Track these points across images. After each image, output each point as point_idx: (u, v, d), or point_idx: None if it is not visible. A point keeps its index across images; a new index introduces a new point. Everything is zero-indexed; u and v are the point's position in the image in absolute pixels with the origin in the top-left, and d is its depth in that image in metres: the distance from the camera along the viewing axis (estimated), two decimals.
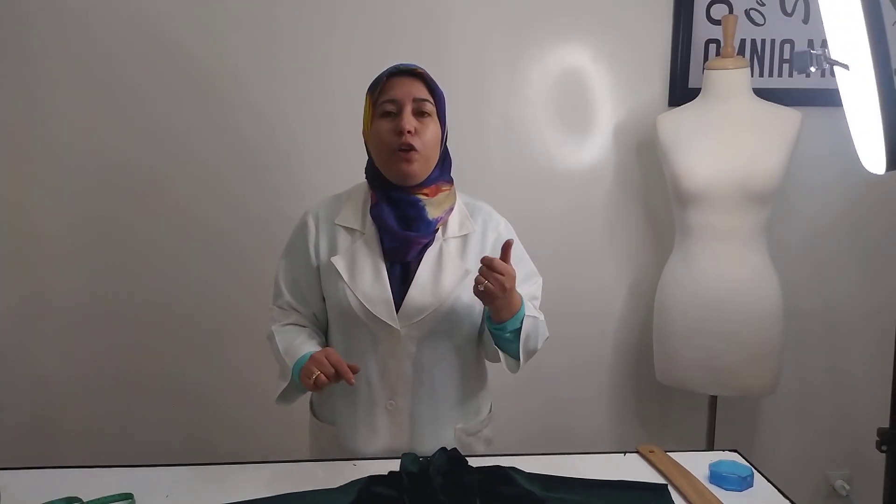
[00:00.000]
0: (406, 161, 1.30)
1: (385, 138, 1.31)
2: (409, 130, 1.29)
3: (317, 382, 1.21)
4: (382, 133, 1.32)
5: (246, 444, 2.08)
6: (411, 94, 1.31)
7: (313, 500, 1.15)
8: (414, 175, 1.32)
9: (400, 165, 1.31)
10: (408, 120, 1.30)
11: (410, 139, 1.29)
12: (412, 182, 1.34)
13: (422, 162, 1.32)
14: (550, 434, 2.21)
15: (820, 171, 2.14)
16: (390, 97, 1.31)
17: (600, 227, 2.20)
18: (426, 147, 1.32)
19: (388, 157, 1.32)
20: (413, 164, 1.31)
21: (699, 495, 1.19)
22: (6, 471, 1.22)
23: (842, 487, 2.31)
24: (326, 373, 1.21)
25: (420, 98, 1.32)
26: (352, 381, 1.22)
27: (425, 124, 1.32)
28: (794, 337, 2.21)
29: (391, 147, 1.31)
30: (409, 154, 1.30)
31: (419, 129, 1.31)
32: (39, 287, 2.09)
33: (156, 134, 2.05)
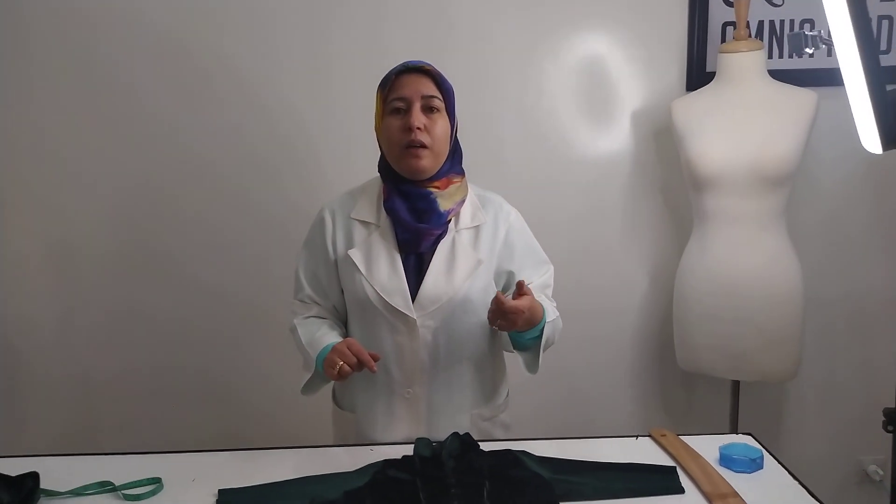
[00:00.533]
0: (416, 157, 1.34)
1: (395, 135, 1.36)
2: (418, 127, 1.33)
3: (340, 372, 1.26)
4: (393, 130, 1.36)
5: (271, 434, 2.14)
6: (420, 91, 1.35)
7: (330, 482, 1.19)
8: (424, 170, 1.36)
9: (410, 161, 1.35)
10: (417, 117, 1.33)
11: (420, 136, 1.33)
12: (423, 176, 1.38)
13: (432, 157, 1.36)
14: (572, 424, 2.23)
15: (842, 151, 2.09)
16: (399, 95, 1.35)
17: (619, 215, 2.20)
18: (436, 142, 1.36)
19: (399, 154, 1.36)
20: (423, 160, 1.35)
21: (707, 477, 1.20)
22: (44, 457, 1.30)
23: (875, 472, 2.27)
24: (349, 362, 1.26)
25: (429, 94, 1.35)
26: (374, 368, 1.27)
27: (434, 120, 1.36)
28: (819, 322, 2.18)
29: (401, 143, 1.35)
30: (419, 150, 1.34)
31: (428, 126, 1.35)
32: (78, 293, 2.19)
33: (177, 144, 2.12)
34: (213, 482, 1.20)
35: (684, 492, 1.18)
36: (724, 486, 1.17)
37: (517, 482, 1.18)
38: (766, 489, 1.18)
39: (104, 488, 1.20)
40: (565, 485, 1.18)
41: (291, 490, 1.18)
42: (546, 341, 1.36)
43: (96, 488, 1.20)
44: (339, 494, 1.15)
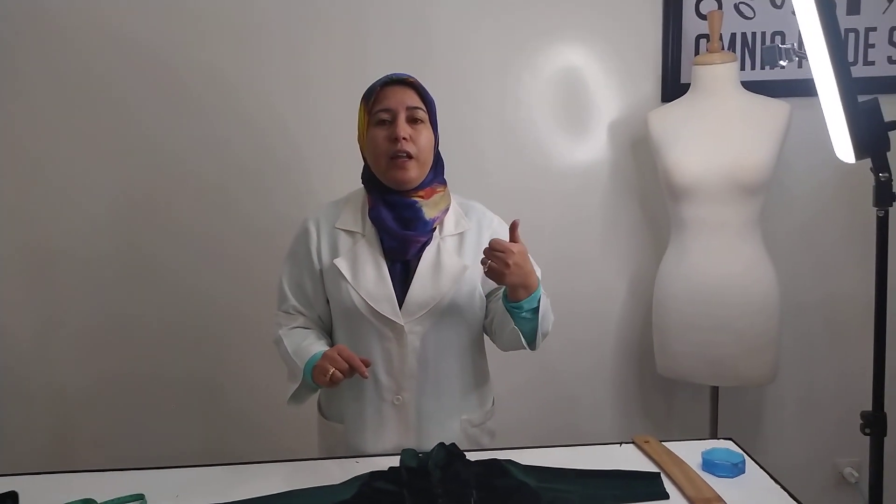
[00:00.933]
0: (402, 168, 1.36)
1: (381, 146, 1.37)
2: (404, 137, 1.35)
3: (332, 379, 1.26)
4: (378, 141, 1.37)
5: (256, 445, 2.14)
6: (404, 102, 1.37)
7: (316, 496, 1.19)
8: (411, 180, 1.38)
9: (397, 172, 1.37)
10: (402, 127, 1.36)
11: (406, 146, 1.35)
12: (409, 186, 1.39)
13: (417, 167, 1.38)
14: (556, 431, 2.24)
15: (814, 160, 2.14)
16: (384, 106, 1.37)
17: (598, 225, 2.23)
18: (421, 152, 1.38)
19: (385, 164, 1.37)
20: (410, 171, 1.37)
21: (690, 482, 1.22)
22: (24, 476, 1.27)
23: (850, 475, 2.32)
24: (341, 368, 1.26)
25: (413, 106, 1.38)
26: (365, 374, 1.27)
27: (419, 130, 1.38)
28: (796, 327, 2.22)
29: (387, 154, 1.36)
30: (406, 161, 1.36)
31: (413, 136, 1.37)
32: (57, 301, 2.16)
33: (160, 152, 2.10)
34: (197, 498, 1.19)
35: (669, 497, 1.19)
36: (708, 491, 1.18)
37: (504, 491, 1.19)
38: (748, 493, 1.20)
39: None
40: (552, 493, 1.19)
41: None
42: (543, 317, 1.35)
43: None
44: None
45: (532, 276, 1.31)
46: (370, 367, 1.31)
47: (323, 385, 1.30)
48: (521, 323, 1.36)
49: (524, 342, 1.40)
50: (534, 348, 1.40)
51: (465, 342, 1.45)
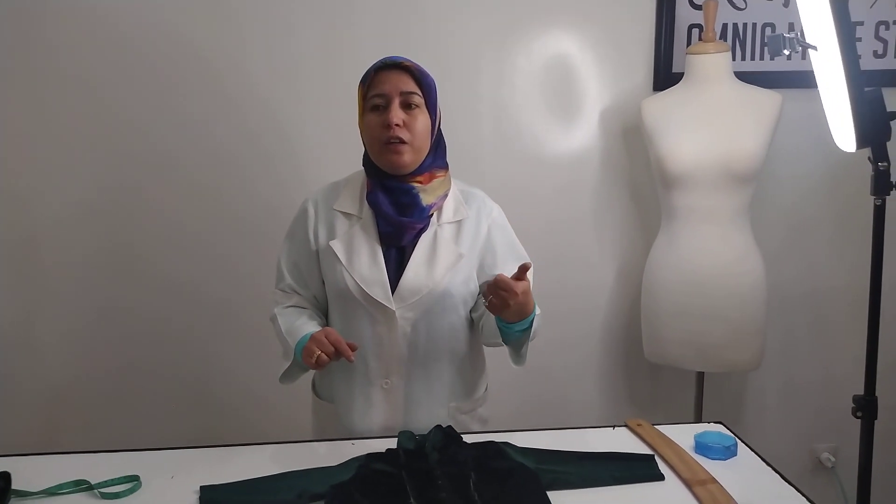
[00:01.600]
0: (396, 153, 1.35)
1: (375, 132, 1.36)
2: (396, 124, 1.33)
3: (318, 361, 1.26)
4: (372, 127, 1.37)
5: (246, 432, 2.10)
6: (398, 87, 1.35)
7: (314, 477, 1.18)
8: (404, 166, 1.37)
9: (390, 157, 1.36)
10: (395, 114, 1.34)
11: (399, 132, 1.34)
12: (404, 171, 1.38)
13: (412, 153, 1.37)
14: (541, 413, 2.26)
15: (802, 151, 2.18)
16: (378, 91, 1.36)
17: (588, 211, 2.24)
18: (416, 138, 1.36)
19: (379, 150, 1.37)
20: (403, 156, 1.36)
21: (684, 464, 1.24)
22: (16, 457, 1.25)
23: (827, 459, 2.38)
24: (326, 351, 1.26)
25: (407, 91, 1.36)
26: (351, 358, 1.27)
27: (414, 116, 1.36)
28: (779, 314, 2.26)
29: (381, 140, 1.35)
30: (399, 146, 1.35)
31: (408, 122, 1.35)
32: (42, 290, 2.12)
33: (145, 141, 2.07)
34: (193, 479, 1.18)
35: (664, 478, 1.21)
36: (703, 473, 1.21)
37: (502, 473, 1.19)
38: (741, 475, 1.23)
39: (79, 487, 1.17)
40: (550, 474, 1.20)
41: (276, 485, 1.17)
42: (532, 335, 1.38)
43: (71, 487, 1.17)
44: (325, 488, 1.14)
45: (529, 306, 1.31)
46: (360, 350, 1.31)
47: (310, 367, 1.30)
48: (508, 337, 1.37)
49: (510, 358, 1.42)
50: (519, 364, 1.42)
51: (456, 330, 1.45)
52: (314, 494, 1.13)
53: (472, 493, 1.12)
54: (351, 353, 1.26)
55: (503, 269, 1.44)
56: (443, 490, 1.11)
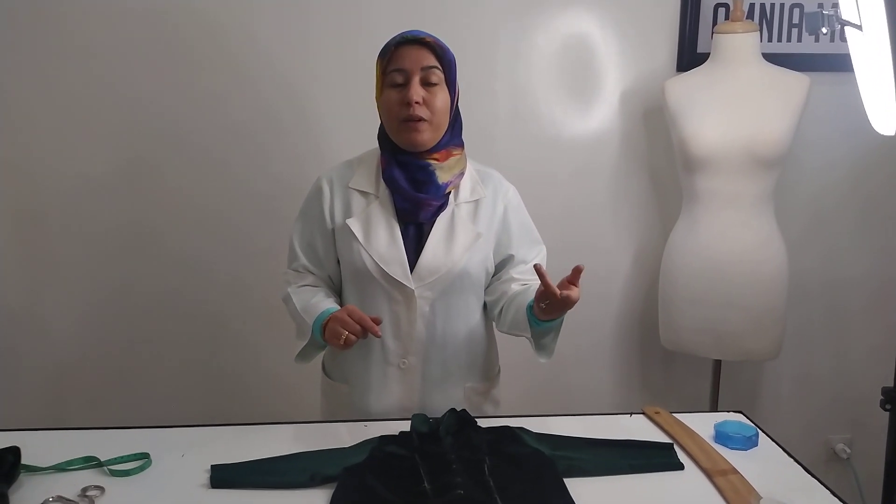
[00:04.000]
0: (415, 131, 1.33)
1: (394, 109, 1.34)
2: (416, 101, 1.31)
3: (346, 342, 1.25)
4: (391, 103, 1.34)
5: (256, 410, 2.10)
6: (419, 63, 1.32)
7: (326, 459, 1.16)
8: (423, 143, 1.35)
9: (410, 135, 1.34)
10: (415, 91, 1.31)
11: (418, 110, 1.31)
12: (422, 149, 1.36)
13: (431, 130, 1.34)
14: (552, 396, 2.23)
15: (827, 136, 2.13)
16: (398, 67, 1.33)
17: (606, 195, 2.20)
18: (435, 115, 1.34)
19: (398, 127, 1.34)
20: (422, 134, 1.33)
21: (704, 454, 1.21)
22: (26, 431, 1.24)
23: (843, 451, 2.35)
24: (353, 331, 1.25)
25: (428, 66, 1.33)
26: (378, 333, 1.27)
27: (433, 93, 1.33)
28: (799, 303, 2.22)
29: (399, 117, 1.33)
30: (418, 124, 1.32)
31: (427, 99, 1.33)
32: (50, 265, 2.10)
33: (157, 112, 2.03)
34: (203, 458, 1.17)
35: (684, 468, 1.18)
36: (723, 463, 1.18)
37: (518, 458, 1.17)
38: (762, 465, 1.20)
39: (89, 463, 1.16)
40: (565, 461, 1.17)
41: (288, 465, 1.15)
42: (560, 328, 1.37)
43: (81, 463, 1.16)
44: (338, 470, 1.12)
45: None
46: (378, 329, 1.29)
47: (337, 348, 1.29)
48: (535, 330, 1.35)
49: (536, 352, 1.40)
50: (545, 358, 1.40)
51: (473, 310, 1.44)
52: (326, 476, 1.11)
53: (487, 478, 1.10)
54: (377, 327, 1.26)
55: (517, 252, 1.45)
56: (457, 474, 1.09)
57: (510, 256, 1.45)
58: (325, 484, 1.10)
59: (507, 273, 1.44)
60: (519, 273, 1.43)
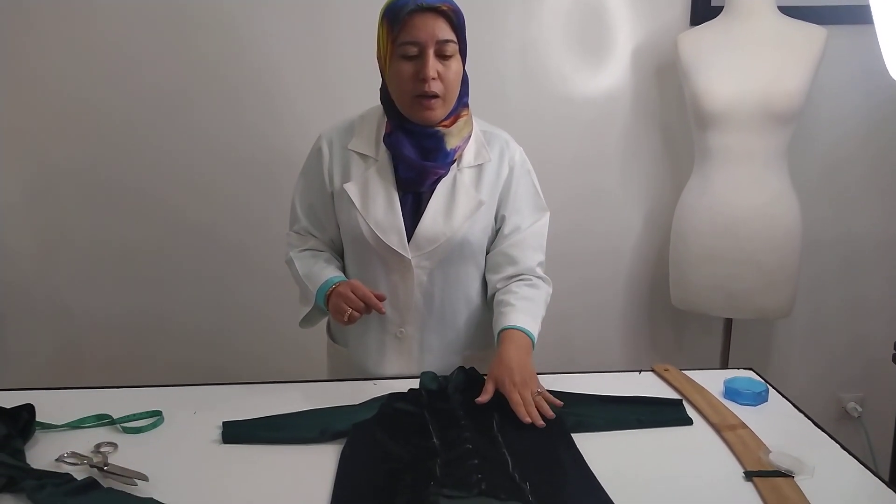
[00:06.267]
0: (429, 109, 1.27)
1: (406, 84, 1.26)
2: (433, 77, 1.24)
3: (350, 319, 1.24)
4: (403, 77, 1.26)
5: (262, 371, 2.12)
6: (434, 35, 1.23)
7: (336, 416, 1.17)
8: (436, 119, 1.29)
9: (423, 113, 1.28)
10: (431, 67, 1.23)
11: (433, 86, 1.24)
12: (433, 124, 1.30)
13: (444, 106, 1.28)
14: (560, 356, 2.22)
15: (843, 91, 2.09)
16: (412, 39, 1.23)
17: (617, 153, 2.17)
18: (449, 90, 1.27)
19: (410, 102, 1.28)
20: (436, 111, 1.28)
21: (714, 409, 1.21)
22: (39, 391, 1.26)
23: (854, 409, 2.34)
24: (356, 308, 1.24)
25: (444, 39, 1.24)
26: (382, 310, 1.26)
27: (448, 66, 1.26)
28: (811, 261, 2.19)
29: (413, 93, 1.26)
30: (432, 101, 1.26)
31: (442, 73, 1.25)
32: (59, 228, 2.11)
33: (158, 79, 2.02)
34: (215, 415, 1.17)
35: (692, 423, 1.18)
36: (732, 418, 1.18)
37: None
38: (771, 421, 1.19)
39: (102, 421, 1.17)
40: (574, 417, 1.17)
41: (299, 422, 1.16)
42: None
43: (94, 421, 1.17)
44: (348, 426, 1.13)
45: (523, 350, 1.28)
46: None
47: (340, 323, 1.28)
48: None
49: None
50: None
51: (472, 279, 1.41)
52: (336, 432, 1.12)
53: (496, 433, 1.11)
54: (381, 305, 1.25)
55: (519, 218, 1.39)
56: (466, 430, 1.10)
57: (508, 221, 1.38)
58: (334, 439, 1.11)
59: (502, 244, 1.38)
60: (512, 245, 1.37)
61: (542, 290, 1.40)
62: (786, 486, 0.97)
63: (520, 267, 1.38)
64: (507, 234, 1.38)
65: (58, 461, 1.03)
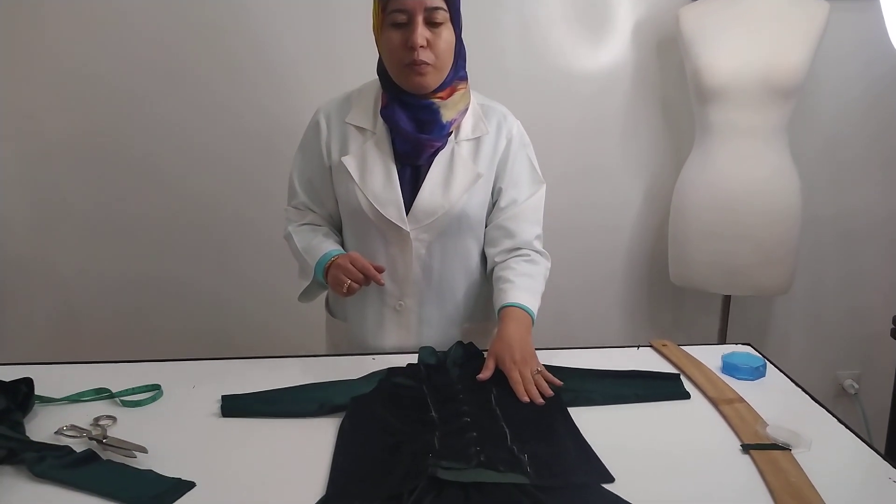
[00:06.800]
0: (419, 75, 1.26)
1: (396, 53, 1.26)
2: (421, 45, 1.23)
3: (349, 290, 1.24)
4: (393, 45, 1.26)
5: (263, 344, 2.13)
6: (423, 2, 1.23)
7: (335, 390, 1.17)
8: (428, 87, 1.28)
9: (413, 79, 1.27)
10: (419, 34, 1.23)
11: (422, 54, 1.24)
12: (426, 92, 1.30)
13: (435, 74, 1.28)
14: (558, 332, 2.23)
15: (845, 66, 2.07)
16: (400, 6, 1.23)
17: (617, 129, 2.16)
18: (440, 58, 1.27)
19: (400, 71, 1.28)
20: (427, 77, 1.27)
21: (711, 384, 1.21)
22: (38, 365, 1.25)
23: (850, 386, 2.36)
24: (355, 279, 1.24)
25: (432, 7, 1.23)
26: (381, 282, 1.26)
27: (438, 34, 1.25)
28: (810, 238, 2.20)
29: (403, 61, 1.26)
30: (422, 68, 1.25)
31: (431, 40, 1.25)
32: (58, 198, 2.10)
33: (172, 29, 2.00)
34: (213, 389, 1.17)
35: (690, 397, 1.19)
36: (730, 392, 1.18)
37: None
38: (769, 395, 1.20)
39: (101, 395, 1.17)
40: (572, 392, 1.18)
41: (297, 396, 1.16)
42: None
43: (92, 395, 1.17)
44: (346, 400, 1.13)
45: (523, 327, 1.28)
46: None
47: (339, 295, 1.28)
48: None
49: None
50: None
51: (471, 252, 1.41)
52: (335, 406, 1.12)
53: (494, 407, 1.11)
54: (380, 277, 1.25)
55: (516, 192, 1.39)
56: (464, 403, 1.10)
57: (504, 194, 1.38)
58: (333, 413, 1.11)
59: (498, 217, 1.38)
60: (509, 219, 1.38)
61: (541, 266, 1.40)
62: (782, 459, 0.97)
63: (517, 240, 1.38)
64: (504, 208, 1.38)
65: (57, 434, 1.04)
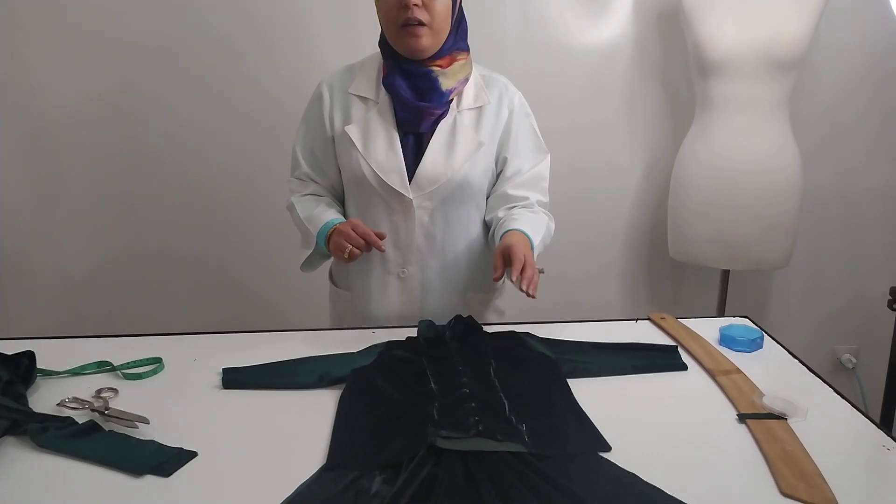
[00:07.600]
0: (414, 36, 1.27)
1: (391, 13, 1.27)
2: (415, 3, 1.24)
3: (350, 256, 1.26)
4: (389, 7, 1.28)
5: (265, 320, 2.14)
6: None
7: (335, 362, 1.18)
8: (423, 49, 1.29)
9: (408, 41, 1.28)
10: None
11: (417, 13, 1.25)
12: (423, 56, 1.31)
13: (431, 36, 1.28)
14: (561, 309, 2.24)
15: (847, 39, 2.05)
16: None
17: (617, 102, 2.14)
18: (436, 19, 1.27)
19: (396, 33, 1.29)
20: (422, 39, 1.27)
21: (708, 355, 1.22)
22: (41, 339, 1.26)
23: (848, 361, 2.37)
24: (357, 245, 1.26)
25: None
26: (382, 248, 1.28)
27: None
28: (811, 212, 2.20)
29: (397, 22, 1.27)
30: (417, 28, 1.26)
31: (427, 2, 1.26)
32: (59, 178, 2.10)
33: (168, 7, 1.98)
34: (215, 362, 1.18)
35: (687, 368, 1.19)
36: (727, 364, 1.19)
37: (523, 361, 1.19)
38: (766, 366, 1.21)
39: (102, 368, 1.18)
40: (570, 363, 1.19)
41: (297, 368, 1.17)
42: (538, 254, 1.34)
43: (94, 368, 1.18)
44: (347, 372, 1.14)
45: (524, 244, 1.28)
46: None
47: (341, 261, 1.30)
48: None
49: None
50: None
51: (474, 220, 1.42)
52: (335, 378, 1.13)
53: (493, 379, 1.12)
54: (381, 243, 1.27)
55: (520, 161, 1.40)
56: (463, 375, 1.11)
57: (509, 163, 1.40)
58: (333, 385, 1.12)
59: (503, 186, 1.40)
60: (514, 186, 1.39)
61: (544, 217, 1.40)
62: (778, 428, 0.98)
63: (522, 203, 1.38)
64: (510, 177, 1.40)
65: (59, 406, 1.04)
